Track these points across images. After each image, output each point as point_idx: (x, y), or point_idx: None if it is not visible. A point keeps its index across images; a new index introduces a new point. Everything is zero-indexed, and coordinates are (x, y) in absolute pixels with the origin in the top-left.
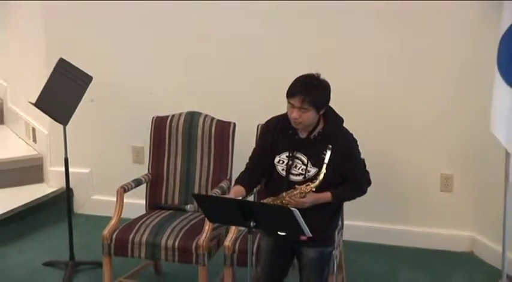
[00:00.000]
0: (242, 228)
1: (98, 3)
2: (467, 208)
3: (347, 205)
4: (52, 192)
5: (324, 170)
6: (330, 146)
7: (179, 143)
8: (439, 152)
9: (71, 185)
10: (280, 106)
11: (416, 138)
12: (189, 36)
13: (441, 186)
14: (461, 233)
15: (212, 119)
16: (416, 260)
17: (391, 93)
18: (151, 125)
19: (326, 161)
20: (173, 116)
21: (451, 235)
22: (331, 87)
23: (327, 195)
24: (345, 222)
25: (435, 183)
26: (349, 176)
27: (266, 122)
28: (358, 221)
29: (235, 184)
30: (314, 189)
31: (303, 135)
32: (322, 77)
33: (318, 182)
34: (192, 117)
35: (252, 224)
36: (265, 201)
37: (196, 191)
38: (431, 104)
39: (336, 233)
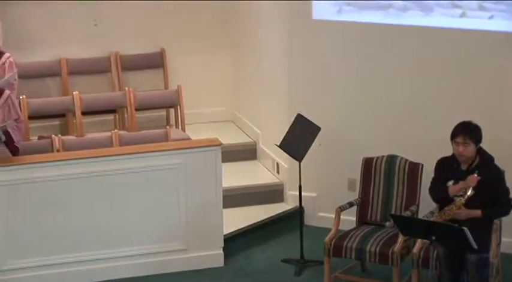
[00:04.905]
0: (426, 240)
1: (326, 75)
2: None
3: (505, 225)
4: (289, 209)
5: (471, 189)
6: (477, 172)
7: (382, 177)
8: None
9: (303, 205)
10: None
11: None
12: (391, 101)
13: None
14: None
15: (406, 160)
16: None
17: None
18: (362, 163)
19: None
20: (378, 157)
21: None
22: (489, 133)
23: (477, 212)
24: (502, 239)
25: None
26: (496, 199)
27: (439, 160)
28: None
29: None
30: (464, 202)
31: (464, 167)
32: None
33: (466, 196)
34: (391, 159)
35: (433, 237)
36: (435, 215)
37: (393, 212)
38: None
39: (492, 243)
